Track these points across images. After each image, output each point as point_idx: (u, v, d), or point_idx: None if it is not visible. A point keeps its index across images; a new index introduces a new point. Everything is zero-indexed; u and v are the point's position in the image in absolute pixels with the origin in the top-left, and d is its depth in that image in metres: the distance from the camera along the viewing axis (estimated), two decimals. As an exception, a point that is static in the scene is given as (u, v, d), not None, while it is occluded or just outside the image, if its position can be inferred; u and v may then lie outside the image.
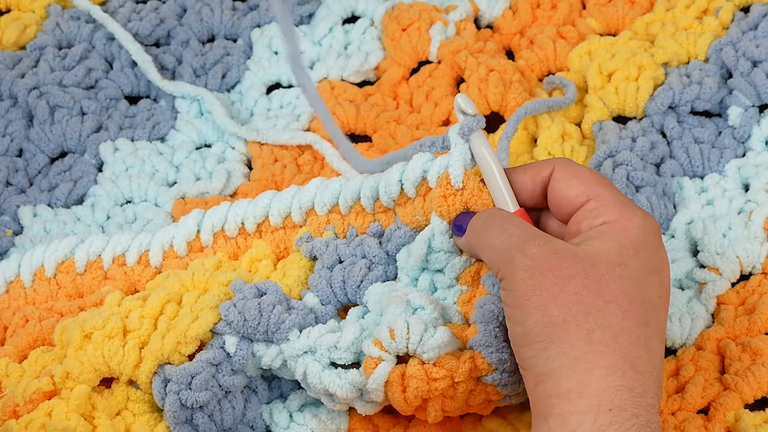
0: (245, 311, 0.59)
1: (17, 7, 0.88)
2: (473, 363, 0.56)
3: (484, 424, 0.61)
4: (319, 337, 0.58)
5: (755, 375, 0.62)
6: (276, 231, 0.65)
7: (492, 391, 0.57)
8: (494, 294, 0.58)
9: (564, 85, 0.78)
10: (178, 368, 0.59)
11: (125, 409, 0.60)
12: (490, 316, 0.57)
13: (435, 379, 0.57)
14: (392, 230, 0.63)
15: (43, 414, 0.58)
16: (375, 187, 0.63)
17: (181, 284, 0.62)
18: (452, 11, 0.84)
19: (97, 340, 0.59)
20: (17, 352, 0.62)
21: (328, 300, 0.62)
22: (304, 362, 0.59)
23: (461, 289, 0.60)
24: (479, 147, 0.59)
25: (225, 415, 0.60)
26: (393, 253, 0.62)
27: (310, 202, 0.65)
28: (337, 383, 0.58)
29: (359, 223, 0.64)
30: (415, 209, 0.61)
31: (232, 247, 0.66)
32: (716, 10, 0.82)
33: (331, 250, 0.63)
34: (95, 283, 0.65)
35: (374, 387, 0.57)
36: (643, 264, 0.55)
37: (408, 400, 0.57)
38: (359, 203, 0.63)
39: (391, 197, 0.62)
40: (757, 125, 0.76)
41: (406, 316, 0.57)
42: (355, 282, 0.62)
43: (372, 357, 0.57)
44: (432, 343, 0.56)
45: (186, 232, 0.66)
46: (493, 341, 0.56)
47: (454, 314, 0.59)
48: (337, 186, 0.64)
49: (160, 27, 0.86)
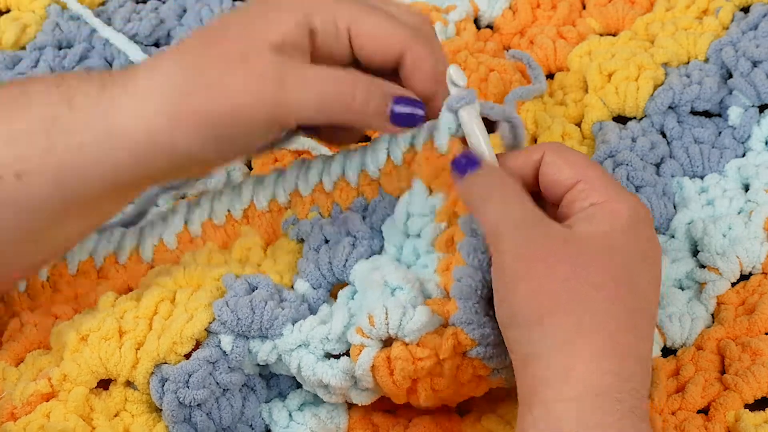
0: (237, 310, 0.59)
1: (17, 8, 0.88)
2: (456, 339, 0.56)
3: (483, 424, 0.61)
4: (311, 330, 0.59)
5: (755, 375, 0.62)
6: (263, 215, 0.65)
7: (479, 365, 0.57)
8: (470, 264, 0.57)
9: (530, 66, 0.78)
10: (175, 367, 0.59)
11: (123, 410, 0.60)
12: (468, 291, 0.56)
13: (420, 359, 0.57)
14: (376, 201, 0.63)
15: (42, 416, 0.58)
16: (360, 158, 0.63)
17: (173, 281, 0.62)
18: (452, 11, 0.84)
19: (93, 342, 0.59)
20: (13, 356, 0.62)
21: (318, 283, 0.62)
22: (298, 356, 0.59)
23: (438, 256, 0.59)
24: (470, 121, 0.58)
25: (223, 413, 0.60)
26: (378, 226, 0.62)
27: (293, 183, 0.65)
28: (330, 373, 0.58)
29: (343, 199, 0.64)
30: (400, 177, 0.61)
31: (221, 235, 0.66)
32: (716, 10, 0.82)
33: (316, 230, 0.63)
34: (89, 283, 0.65)
35: (361, 373, 0.57)
36: (633, 250, 0.55)
37: (397, 383, 0.57)
38: (343, 179, 0.63)
39: (378, 166, 0.62)
40: (757, 125, 0.76)
41: (384, 300, 0.57)
42: (340, 261, 0.62)
43: (356, 345, 0.57)
44: (411, 327, 0.56)
45: (174, 225, 0.66)
46: (474, 317, 0.56)
47: (434, 288, 0.58)
48: (320, 163, 0.64)
49: (159, 27, 0.86)
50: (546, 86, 0.77)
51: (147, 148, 0.58)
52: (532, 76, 0.77)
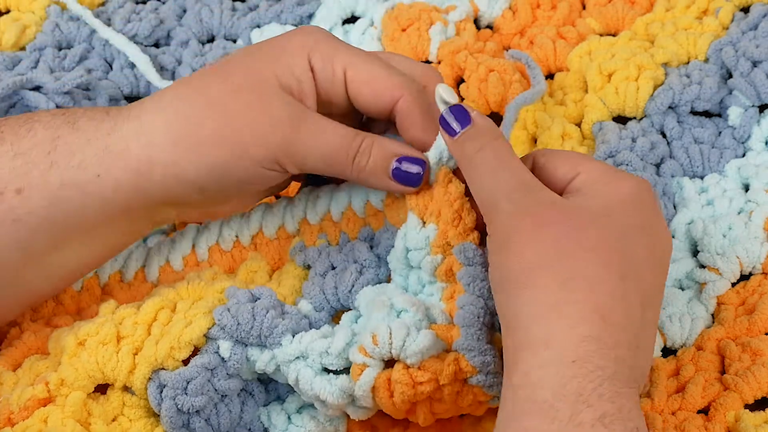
0: (238, 315, 0.59)
1: (17, 8, 0.88)
2: (457, 365, 0.56)
3: (483, 425, 0.61)
4: (311, 343, 0.59)
5: (755, 375, 0.62)
6: (271, 242, 0.66)
7: (479, 392, 0.57)
8: (471, 293, 0.57)
9: (529, 66, 0.78)
10: (173, 373, 0.59)
11: (121, 414, 0.60)
12: (471, 319, 0.57)
13: (420, 383, 0.57)
14: (381, 232, 0.63)
15: (39, 420, 0.57)
16: (364, 190, 0.63)
17: (176, 293, 0.62)
18: (452, 11, 0.84)
19: (91, 346, 0.59)
20: (11, 361, 0.62)
21: (321, 306, 0.62)
22: (296, 368, 0.59)
23: (442, 286, 0.60)
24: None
25: (222, 419, 0.60)
26: (384, 256, 0.63)
27: (302, 212, 0.65)
28: (327, 389, 0.58)
29: (350, 229, 0.64)
30: (399, 209, 0.61)
31: (228, 260, 0.66)
32: (716, 10, 0.82)
33: (323, 257, 0.64)
34: (93, 300, 0.66)
35: (361, 393, 0.57)
36: (630, 219, 0.54)
37: (396, 405, 0.57)
38: (350, 209, 0.64)
39: (380, 197, 0.63)
40: (757, 125, 0.76)
41: (389, 320, 0.57)
42: (346, 287, 0.62)
43: (357, 364, 0.57)
44: (414, 348, 0.56)
45: (182, 248, 0.66)
46: (476, 344, 0.56)
47: (439, 314, 0.59)
48: (328, 194, 0.64)
49: (159, 27, 0.86)
50: (546, 86, 0.77)
51: (148, 170, 0.58)
52: (531, 77, 0.77)
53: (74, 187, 0.58)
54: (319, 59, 0.60)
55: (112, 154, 0.58)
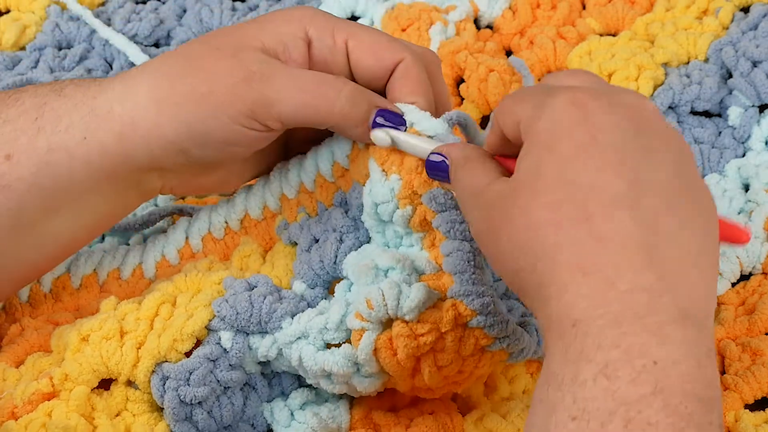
0: (237, 305, 0.59)
1: (17, 8, 0.88)
2: (456, 311, 0.56)
3: (484, 423, 0.61)
4: (309, 321, 0.59)
5: (755, 375, 0.62)
6: (259, 224, 0.66)
7: (480, 335, 0.57)
8: (453, 238, 0.57)
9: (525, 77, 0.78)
10: (175, 365, 0.59)
11: (125, 409, 0.60)
12: (462, 264, 0.56)
13: (422, 334, 0.57)
14: (350, 192, 0.62)
15: (44, 414, 0.58)
16: (329, 148, 0.62)
17: (174, 287, 0.63)
18: (452, 11, 0.84)
19: (94, 341, 0.59)
20: (14, 358, 0.62)
21: (314, 283, 0.62)
22: (298, 347, 0.59)
23: (420, 235, 0.59)
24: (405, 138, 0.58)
25: (224, 412, 0.60)
26: (359, 217, 0.62)
27: (278, 188, 0.65)
28: (331, 360, 0.58)
29: (325, 197, 0.64)
30: (364, 162, 0.60)
31: (221, 248, 0.66)
32: (716, 10, 0.82)
33: (305, 231, 0.63)
34: (92, 297, 0.66)
35: (364, 357, 0.57)
36: (634, 141, 0.46)
37: (401, 362, 0.57)
38: (320, 174, 0.63)
39: (345, 153, 0.62)
40: (757, 125, 0.76)
41: (378, 282, 0.57)
42: (330, 258, 0.62)
43: (356, 329, 0.57)
44: (410, 305, 0.56)
45: (176, 241, 0.66)
46: (472, 288, 0.56)
47: (425, 263, 0.58)
48: (297, 164, 0.64)
49: (159, 27, 0.86)
50: None
51: (132, 131, 0.58)
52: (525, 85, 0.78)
53: (61, 151, 0.59)
54: (315, 30, 0.60)
55: (97, 116, 0.59)
